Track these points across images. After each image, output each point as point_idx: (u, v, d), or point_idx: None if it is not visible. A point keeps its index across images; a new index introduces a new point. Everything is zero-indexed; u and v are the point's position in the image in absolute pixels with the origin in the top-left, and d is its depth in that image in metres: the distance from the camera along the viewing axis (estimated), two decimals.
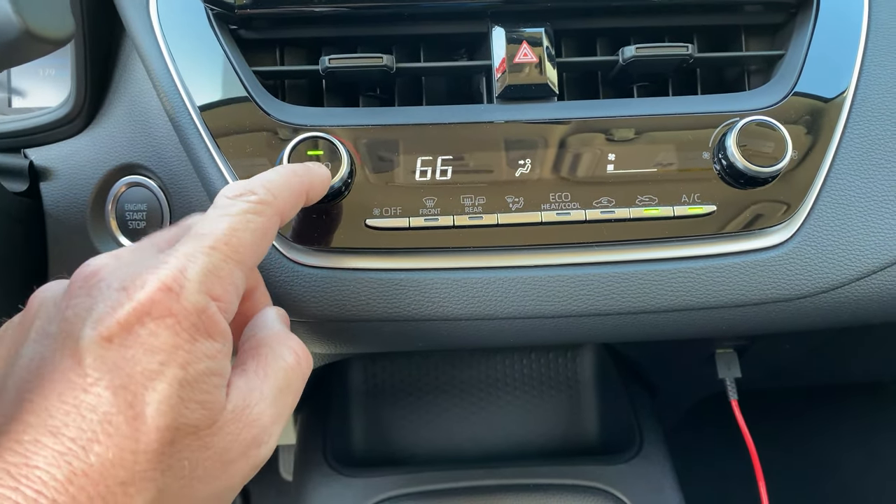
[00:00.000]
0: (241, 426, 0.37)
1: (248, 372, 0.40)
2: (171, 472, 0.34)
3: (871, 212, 0.54)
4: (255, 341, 0.42)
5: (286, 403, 0.41)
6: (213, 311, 0.36)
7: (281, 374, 0.40)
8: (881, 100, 0.56)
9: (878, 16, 0.57)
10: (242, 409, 0.37)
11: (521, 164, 0.52)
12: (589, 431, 0.87)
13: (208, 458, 0.36)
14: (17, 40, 0.39)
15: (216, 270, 0.37)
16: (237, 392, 0.38)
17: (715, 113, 0.53)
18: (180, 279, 0.35)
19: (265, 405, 0.39)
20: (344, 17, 0.56)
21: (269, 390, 0.39)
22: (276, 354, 0.41)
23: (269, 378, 0.40)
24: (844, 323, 0.57)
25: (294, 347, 0.42)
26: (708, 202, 0.52)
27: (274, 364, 0.41)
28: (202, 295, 0.36)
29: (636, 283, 0.53)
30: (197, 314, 0.35)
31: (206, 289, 0.36)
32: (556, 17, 0.56)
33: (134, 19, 0.57)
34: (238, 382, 0.38)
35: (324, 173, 0.48)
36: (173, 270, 0.35)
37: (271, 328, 0.43)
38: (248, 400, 0.38)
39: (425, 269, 0.53)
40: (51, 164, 0.60)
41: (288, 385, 0.41)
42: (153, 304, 0.34)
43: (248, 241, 0.39)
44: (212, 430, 0.36)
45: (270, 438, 0.39)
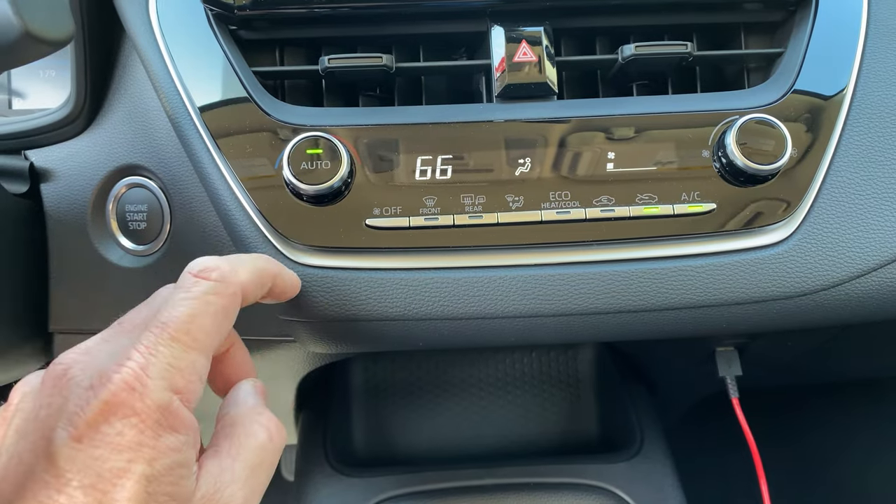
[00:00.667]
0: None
1: (221, 453, 0.41)
2: None
3: (871, 209, 0.54)
4: (229, 420, 0.43)
5: (259, 481, 0.42)
6: (175, 405, 0.37)
7: (253, 452, 0.41)
8: (881, 97, 0.56)
9: (877, 13, 0.57)
10: (213, 493, 0.39)
11: (521, 162, 0.52)
12: (589, 430, 0.87)
13: None
14: (17, 41, 0.39)
15: (177, 363, 0.38)
16: (208, 476, 0.39)
17: (714, 111, 0.53)
18: (142, 378, 0.37)
19: (236, 487, 0.40)
20: (343, 18, 0.56)
21: (240, 470, 0.40)
22: (248, 432, 0.42)
23: (241, 457, 0.41)
24: (845, 320, 0.57)
25: (266, 424, 0.43)
26: (708, 200, 0.52)
27: (246, 443, 0.42)
28: (164, 392, 0.37)
29: (636, 282, 0.53)
30: (160, 411, 0.37)
31: (168, 385, 0.37)
32: (556, 15, 0.56)
33: (134, 20, 0.57)
34: (209, 465, 0.40)
35: (295, 276, 0.50)
36: (135, 369, 0.37)
37: (244, 404, 0.44)
38: (219, 483, 0.39)
39: (425, 268, 0.53)
40: (51, 166, 0.60)
41: (260, 463, 0.42)
42: (118, 405, 0.36)
43: (209, 325, 0.40)
44: None
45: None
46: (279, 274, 0.47)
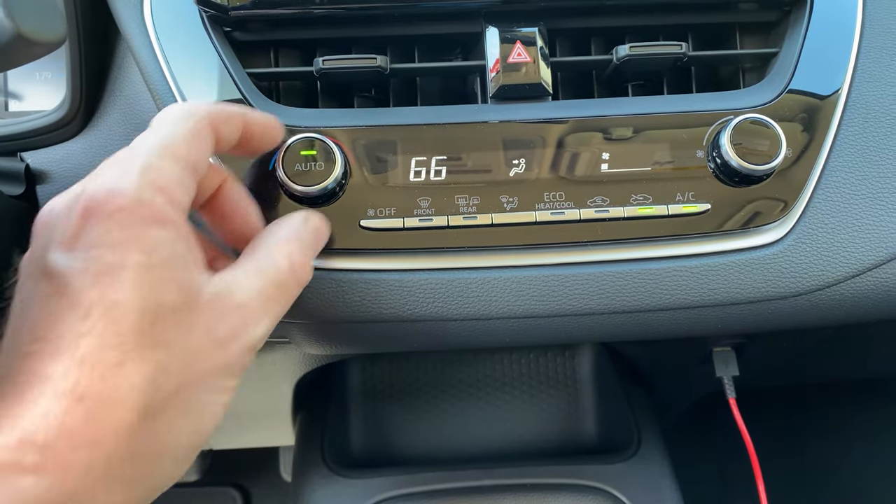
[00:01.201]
0: (224, 310, 0.39)
1: (239, 266, 0.42)
2: (162, 349, 0.36)
3: (866, 209, 0.54)
4: (255, 244, 0.44)
5: (276, 304, 0.42)
6: (159, 202, 0.37)
7: (271, 274, 0.42)
8: (875, 97, 0.56)
9: (872, 13, 0.57)
10: (225, 294, 0.39)
11: (516, 163, 0.52)
12: (587, 431, 0.87)
13: (195, 336, 0.38)
14: (8, 44, 0.39)
15: (154, 166, 0.38)
16: (221, 280, 0.40)
17: (709, 111, 0.53)
18: (119, 179, 0.37)
19: (251, 295, 0.40)
20: (338, 19, 0.56)
21: (257, 285, 0.41)
22: (269, 256, 0.43)
23: (259, 275, 0.42)
24: (840, 321, 0.57)
25: (291, 255, 0.43)
26: (702, 200, 0.52)
27: (266, 265, 0.42)
28: (144, 188, 0.37)
29: (631, 282, 0.53)
30: (142, 206, 0.37)
31: (147, 182, 0.37)
32: (550, 16, 0.56)
33: (128, 22, 0.57)
34: (225, 273, 0.41)
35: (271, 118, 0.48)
36: (112, 173, 0.38)
37: (274, 232, 0.45)
38: (232, 288, 0.40)
39: (420, 269, 0.52)
40: (47, 168, 0.60)
41: (279, 286, 0.42)
42: (99, 205, 0.36)
43: (180, 139, 0.40)
44: (190, 310, 0.38)
45: (259, 323, 0.41)
46: (248, 112, 0.46)
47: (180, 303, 0.37)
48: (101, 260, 0.35)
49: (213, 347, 0.38)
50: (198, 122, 0.42)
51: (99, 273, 0.35)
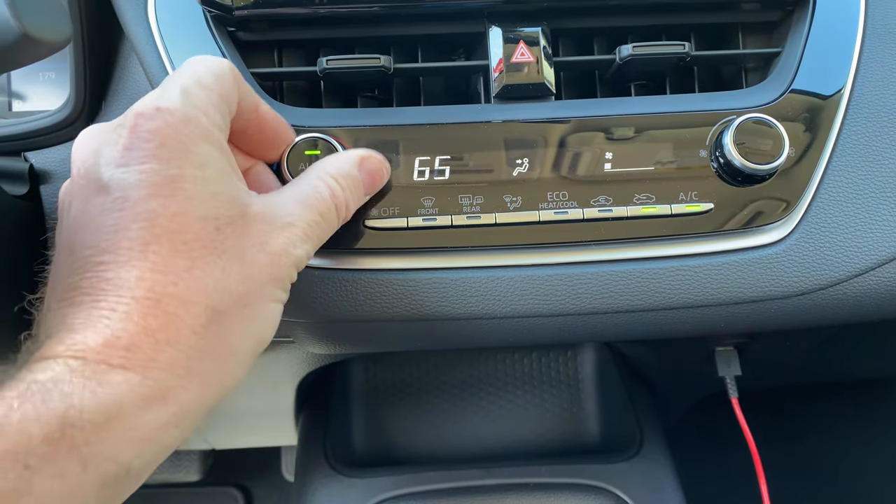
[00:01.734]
0: (272, 225, 0.41)
1: (284, 192, 0.44)
2: (227, 255, 0.38)
3: (868, 209, 0.54)
4: (301, 174, 0.46)
5: (318, 226, 0.44)
6: (204, 121, 0.39)
7: (312, 200, 0.44)
8: (878, 97, 0.56)
9: (874, 13, 0.57)
10: (273, 210, 0.41)
11: (519, 163, 0.52)
12: (589, 430, 0.87)
13: (251, 247, 0.39)
14: (15, 44, 0.39)
15: (191, 91, 0.40)
16: (266, 201, 0.42)
17: (712, 111, 0.53)
18: (161, 98, 0.39)
19: (294, 218, 0.42)
20: (341, 19, 0.56)
21: (300, 208, 0.43)
22: (312, 183, 0.44)
23: (302, 200, 0.43)
24: (843, 320, 0.57)
25: (330, 184, 0.45)
26: (705, 200, 0.52)
27: (309, 191, 0.44)
28: (189, 107, 0.39)
29: (634, 282, 0.53)
30: (191, 122, 0.38)
31: (191, 102, 0.39)
32: (553, 16, 0.56)
33: (132, 22, 0.57)
34: (270, 195, 0.43)
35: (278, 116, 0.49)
36: (156, 97, 0.39)
37: (324, 166, 0.46)
38: (276, 209, 0.42)
39: (424, 268, 0.53)
40: (51, 167, 0.60)
41: (320, 214, 0.44)
42: (148, 122, 0.38)
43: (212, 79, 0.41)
44: (245, 220, 0.39)
45: (301, 244, 0.42)
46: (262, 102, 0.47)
47: (235, 215, 0.39)
48: (159, 172, 0.37)
49: (266, 258, 0.40)
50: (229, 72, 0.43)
51: (157, 184, 0.36)
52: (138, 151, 0.37)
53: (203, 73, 0.41)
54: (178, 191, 0.37)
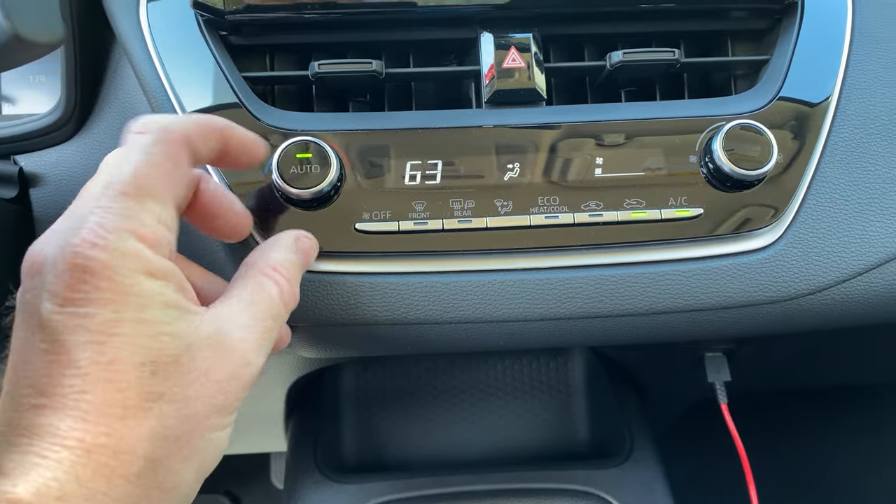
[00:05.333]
0: (221, 349, 0.39)
1: (230, 299, 0.42)
2: (163, 399, 0.36)
3: (855, 214, 0.55)
4: (244, 271, 0.44)
5: (270, 330, 0.42)
6: (146, 253, 0.37)
7: (263, 304, 0.42)
8: (865, 104, 0.56)
9: (861, 22, 0.58)
10: (218, 334, 0.39)
11: (510, 167, 0.53)
12: (580, 436, 0.87)
13: (195, 380, 0.38)
14: (6, 45, 0.39)
15: (133, 213, 0.38)
16: (214, 318, 0.40)
17: (701, 117, 0.54)
18: (100, 233, 0.37)
19: (245, 332, 0.40)
20: (334, 24, 0.56)
21: (248, 317, 0.41)
22: (259, 284, 0.43)
23: (252, 308, 0.42)
24: (832, 325, 0.57)
25: (280, 283, 0.44)
26: (695, 205, 0.53)
27: (257, 295, 0.42)
28: (128, 240, 0.37)
29: (624, 286, 0.53)
30: (129, 258, 0.37)
31: (129, 233, 0.37)
32: (544, 22, 0.56)
33: (124, 25, 0.57)
34: (216, 309, 0.41)
35: (254, 136, 0.47)
36: (93, 228, 0.37)
37: (265, 260, 0.45)
38: (227, 325, 0.40)
39: (415, 272, 0.53)
40: (41, 171, 0.60)
41: (272, 317, 0.42)
42: (86, 262, 0.36)
43: (156, 173, 0.39)
44: (189, 355, 0.38)
45: (256, 359, 0.41)
46: (229, 126, 0.45)
47: (179, 351, 0.37)
48: (96, 317, 0.35)
49: (212, 390, 0.39)
50: (171, 147, 0.41)
51: (94, 331, 0.35)
52: (76, 293, 0.36)
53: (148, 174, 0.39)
54: (114, 337, 0.36)
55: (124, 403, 0.35)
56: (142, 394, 0.36)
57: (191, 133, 0.42)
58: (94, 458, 0.34)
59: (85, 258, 0.36)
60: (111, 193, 0.38)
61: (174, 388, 0.37)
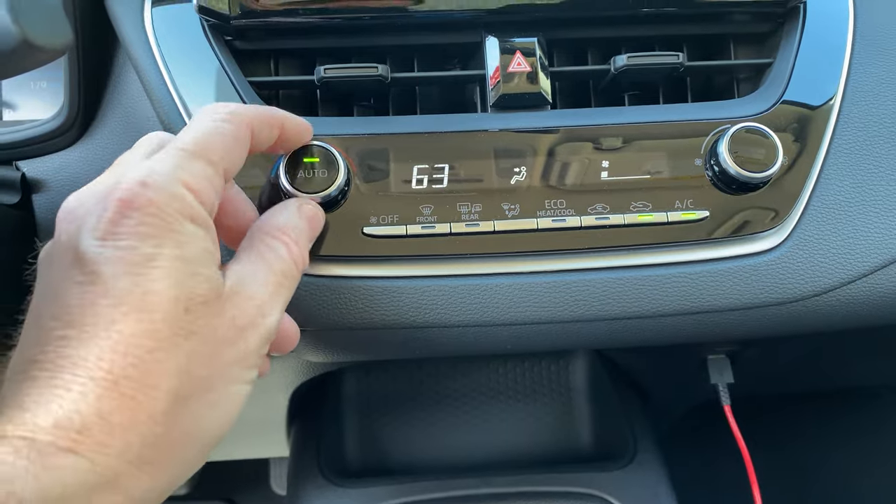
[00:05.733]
0: (242, 299, 0.40)
1: (241, 259, 0.43)
2: (194, 337, 0.37)
3: (859, 216, 0.55)
4: (252, 234, 0.45)
5: (283, 286, 0.43)
6: (190, 199, 0.38)
7: (275, 264, 0.43)
8: (867, 106, 0.57)
9: (863, 25, 0.59)
10: (240, 285, 0.41)
11: (517, 171, 0.53)
12: (583, 439, 0.87)
13: (222, 324, 0.39)
14: (14, 50, 0.39)
15: (187, 166, 0.39)
16: (232, 273, 0.41)
17: (706, 120, 0.54)
18: (152, 175, 0.38)
19: (259, 286, 0.41)
20: (338, 29, 0.56)
21: (262, 273, 0.42)
22: (269, 246, 0.44)
23: (262, 264, 0.43)
24: (837, 326, 0.57)
25: (288, 243, 0.44)
26: (701, 208, 0.53)
27: (267, 254, 0.43)
28: (177, 185, 0.38)
29: (631, 289, 0.54)
30: (177, 200, 0.38)
31: (179, 180, 0.38)
32: (548, 26, 0.57)
33: (128, 30, 0.57)
34: (234, 267, 0.42)
35: (304, 122, 0.49)
36: (146, 168, 0.38)
37: (271, 224, 0.45)
38: (244, 280, 0.41)
39: (423, 276, 0.53)
40: (43, 176, 0.60)
41: (283, 274, 0.43)
42: (133, 198, 0.37)
43: (218, 142, 0.41)
44: (219, 300, 0.39)
45: (272, 311, 0.42)
46: (287, 117, 0.47)
47: (209, 295, 0.38)
48: (136, 250, 0.36)
49: (236, 336, 0.39)
50: (238, 128, 0.42)
51: (133, 263, 0.36)
52: (119, 228, 0.36)
53: (211, 142, 0.41)
54: (152, 270, 0.36)
55: (156, 336, 0.36)
56: (174, 328, 0.36)
57: (255, 120, 0.44)
58: (119, 390, 0.34)
59: (132, 194, 0.37)
60: (170, 149, 0.40)
61: (204, 328, 0.38)
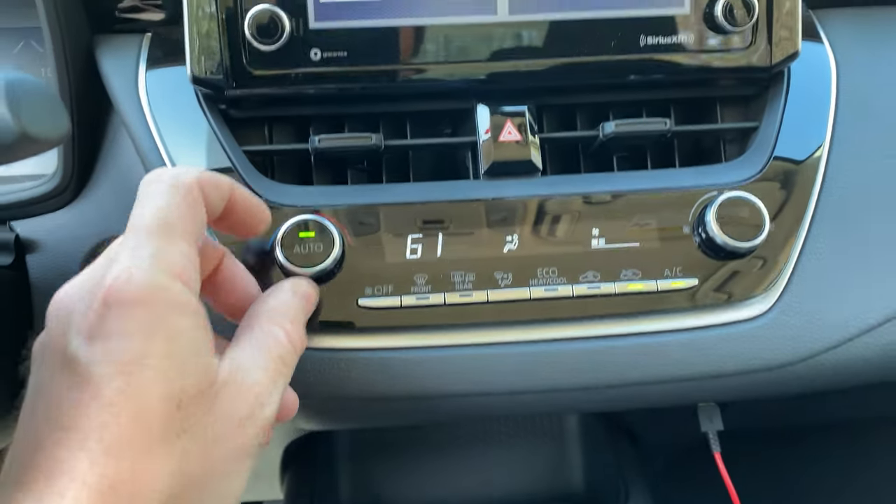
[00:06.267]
0: (239, 389, 0.40)
1: (240, 346, 0.42)
2: (187, 435, 0.37)
3: (844, 281, 0.56)
4: (249, 320, 0.45)
5: (281, 374, 0.43)
6: (176, 288, 0.38)
7: (273, 349, 0.43)
8: (852, 170, 0.58)
9: (846, 89, 0.60)
10: (236, 373, 0.40)
11: (509, 240, 0.53)
12: (575, 482, 0.87)
13: (217, 420, 0.38)
14: (14, 143, 0.39)
15: (163, 249, 0.39)
16: (230, 361, 0.40)
17: (694, 188, 0.55)
18: (132, 269, 0.37)
19: (260, 373, 0.41)
20: (332, 98, 0.57)
21: (262, 361, 0.42)
22: (267, 332, 0.43)
23: (262, 352, 0.42)
24: (825, 388, 0.58)
25: (286, 327, 0.44)
26: (689, 275, 0.54)
27: (266, 340, 0.43)
28: (160, 274, 0.38)
29: (623, 357, 0.54)
30: (161, 291, 0.37)
31: (161, 269, 0.38)
32: (538, 94, 0.58)
33: (123, 96, 0.58)
34: (232, 353, 0.41)
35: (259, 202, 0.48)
36: (126, 263, 0.38)
37: (268, 308, 0.45)
38: (242, 368, 0.41)
39: (418, 346, 0.53)
40: (37, 237, 0.60)
41: (281, 360, 0.43)
42: (117, 296, 0.36)
43: (178, 213, 0.40)
44: (212, 390, 0.38)
45: (270, 400, 0.41)
46: (235, 184, 0.46)
47: (203, 387, 0.38)
48: (124, 350, 0.36)
49: (233, 430, 0.39)
50: (190, 191, 0.42)
51: (122, 363, 0.35)
52: (105, 327, 0.36)
53: (171, 215, 0.40)
54: (142, 370, 0.36)
55: (150, 437, 0.35)
56: (167, 428, 0.36)
57: (202, 179, 0.43)
58: (115, 493, 0.34)
59: (118, 292, 0.36)
60: (139, 235, 0.39)
61: (197, 424, 0.37)
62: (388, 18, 0.54)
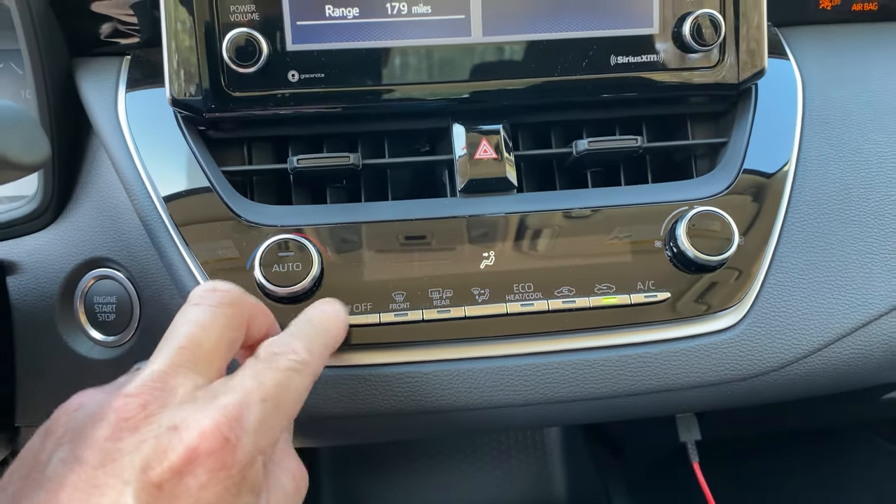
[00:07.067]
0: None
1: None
2: None
3: (812, 292, 0.57)
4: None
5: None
6: (258, 466, 0.36)
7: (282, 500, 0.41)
8: (818, 184, 0.60)
9: (811, 105, 0.62)
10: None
11: (486, 255, 0.54)
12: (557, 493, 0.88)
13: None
14: None
15: (267, 425, 0.36)
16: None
17: (665, 202, 0.56)
18: (238, 430, 0.34)
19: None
20: (310, 119, 0.58)
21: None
22: (276, 483, 0.41)
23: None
24: (797, 396, 0.60)
25: (293, 472, 0.43)
26: (662, 289, 0.55)
27: (276, 492, 0.41)
28: (253, 450, 0.35)
29: (598, 370, 0.55)
30: (247, 469, 0.35)
31: (256, 443, 0.35)
32: (513, 112, 0.59)
33: (101, 117, 0.58)
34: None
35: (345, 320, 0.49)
36: (230, 419, 0.35)
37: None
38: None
39: (397, 363, 0.54)
40: (18, 258, 0.60)
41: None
42: (207, 454, 0.33)
43: (291, 398, 0.39)
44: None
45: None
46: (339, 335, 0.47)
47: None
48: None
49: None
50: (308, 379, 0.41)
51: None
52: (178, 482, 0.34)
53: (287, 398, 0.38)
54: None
55: None
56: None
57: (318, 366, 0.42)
58: None
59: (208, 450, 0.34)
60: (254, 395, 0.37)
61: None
62: (365, 41, 0.55)
